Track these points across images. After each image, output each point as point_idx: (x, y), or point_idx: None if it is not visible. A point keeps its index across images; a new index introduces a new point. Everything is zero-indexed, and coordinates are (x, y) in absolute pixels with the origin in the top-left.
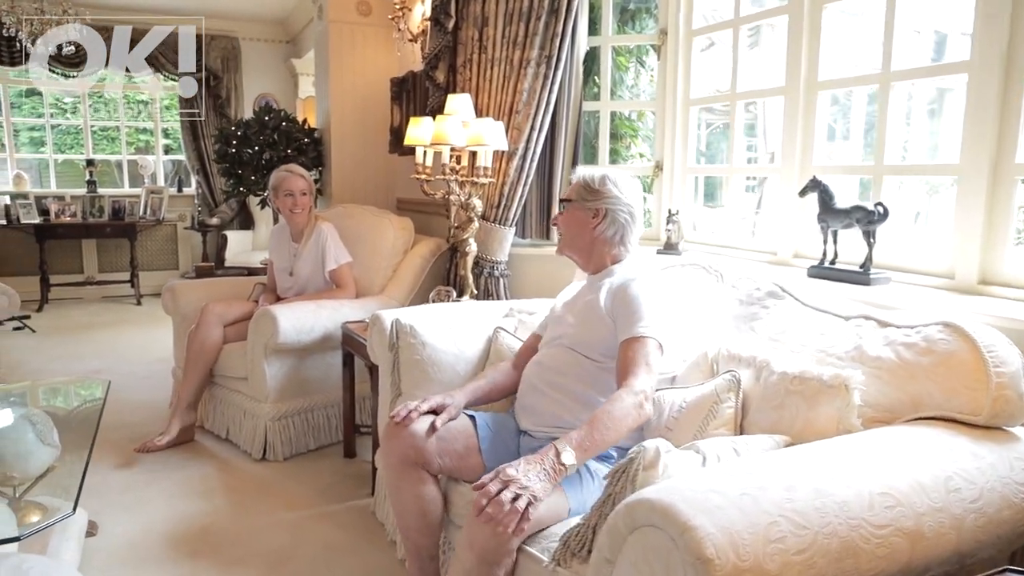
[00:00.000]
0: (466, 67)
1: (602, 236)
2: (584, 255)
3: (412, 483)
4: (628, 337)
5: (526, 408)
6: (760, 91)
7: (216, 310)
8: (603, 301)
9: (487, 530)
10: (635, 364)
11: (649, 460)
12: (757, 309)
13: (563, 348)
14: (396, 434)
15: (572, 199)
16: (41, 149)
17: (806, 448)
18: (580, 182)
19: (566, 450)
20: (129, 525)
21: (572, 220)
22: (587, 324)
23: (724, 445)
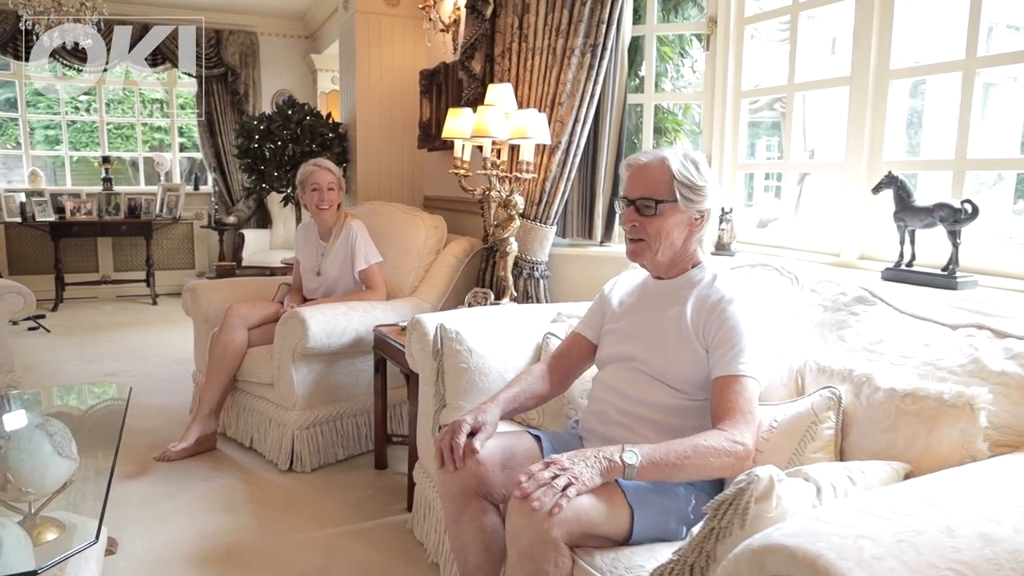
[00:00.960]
0: (505, 56)
1: (694, 238)
2: (671, 261)
3: (474, 514)
4: (726, 375)
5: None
6: (822, 81)
7: (240, 312)
8: (691, 320)
9: (525, 520)
10: (733, 411)
11: (763, 491)
12: (845, 316)
13: (643, 375)
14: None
15: (668, 199)
16: (57, 147)
17: (941, 480)
18: (673, 174)
19: (631, 452)
20: (150, 542)
21: (669, 225)
22: (673, 350)
23: (836, 473)
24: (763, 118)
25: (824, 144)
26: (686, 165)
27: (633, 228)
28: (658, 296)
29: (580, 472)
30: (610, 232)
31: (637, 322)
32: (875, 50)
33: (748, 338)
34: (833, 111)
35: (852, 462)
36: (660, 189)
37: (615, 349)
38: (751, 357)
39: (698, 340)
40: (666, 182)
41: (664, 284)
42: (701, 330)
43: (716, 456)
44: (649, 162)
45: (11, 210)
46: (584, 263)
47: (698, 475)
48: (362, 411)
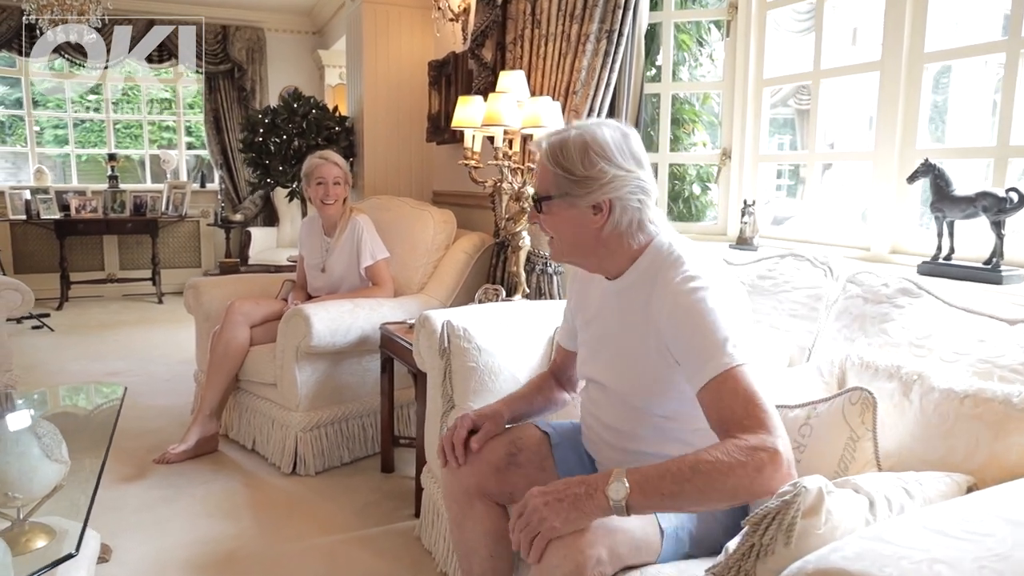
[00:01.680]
0: (516, 44)
1: (613, 233)
2: (594, 259)
3: (479, 517)
4: (708, 380)
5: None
6: (851, 67)
7: (242, 309)
8: (652, 338)
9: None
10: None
11: (811, 504)
12: (888, 308)
13: (620, 400)
14: (463, 461)
15: (552, 195)
16: (64, 145)
17: (1015, 494)
18: (553, 166)
19: (620, 482)
20: (146, 549)
21: (562, 223)
22: (646, 376)
23: (890, 485)
24: (777, 114)
25: (844, 138)
26: (566, 149)
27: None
28: (612, 301)
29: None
30: None
31: (599, 335)
32: (908, 32)
33: (715, 323)
34: (852, 103)
35: (907, 473)
36: (544, 184)
37: (585, 367)
38: (729, 343)
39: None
40: (551, 177)
41: (614, 285)
42: (660, 334)
43: (726, 473)
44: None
45: (16, 208)
46: None
47: (704, 501)
48: (368, 412)
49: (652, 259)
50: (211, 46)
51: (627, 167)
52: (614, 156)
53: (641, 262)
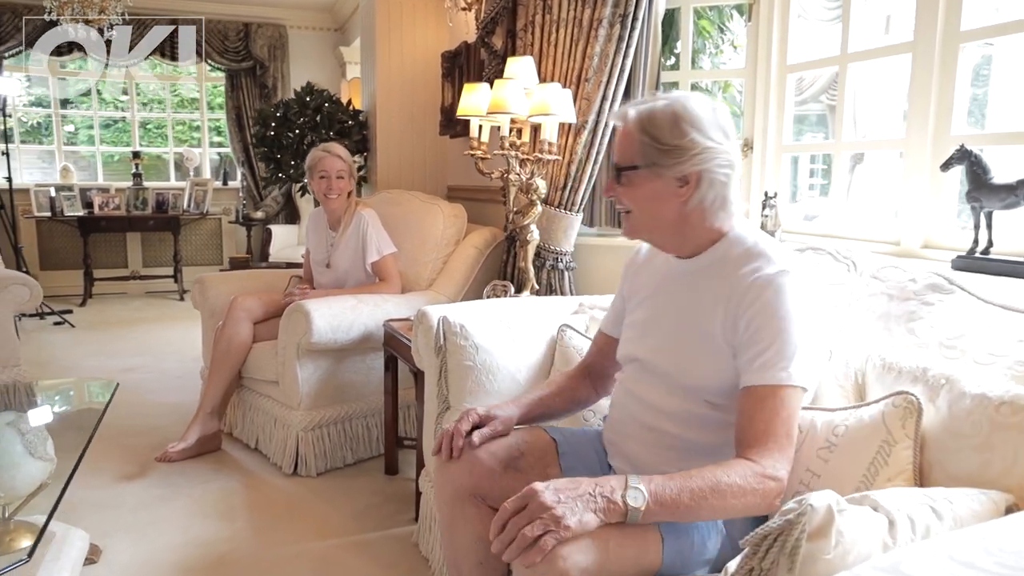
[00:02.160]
0: (527, 30)
1: (696, 208)
2: (672, 236)
3: (470, 521)
4: (760, 385)
5: (615, 446)
6: (881, 49)
7: (245, 305)
8: (713, 309)
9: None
10: (766, 436)
11: (818, 525)
12: (915, 306)
13: (659, 381)
14: (456, 459)
15: (637, 164)
16: (91, 143)
17: None
18: (640, 134)
19: (636, 489)
20: (136, 551)
21: (644, 195)
22: (693, 350)
23: (915, 503)
24: (809, 111)
25: (876, 131)
26: (656, 119)
27: (613, 198)
28: (679, 280)
29: (565, 513)
30: None
31: (654, 314)
32: (943, 10)
33: (791, 332)
34: (886, 96)
35: (935, 489)
36: (629, 153)
37: (630, 348)
38: (795, 359)
39: (724, 336)
40: (636, 146)
41: (685, 265)
42: (730, 323)
43: (739, 496)
44: (625, 124)
45: (41, 205)
46: (614, 254)
47: (714, 516)
48: (373, 412)
49: (736, 246)
50: (233, 43)
51: (717, 139)
52: (704, 127)
53: (721, 246)
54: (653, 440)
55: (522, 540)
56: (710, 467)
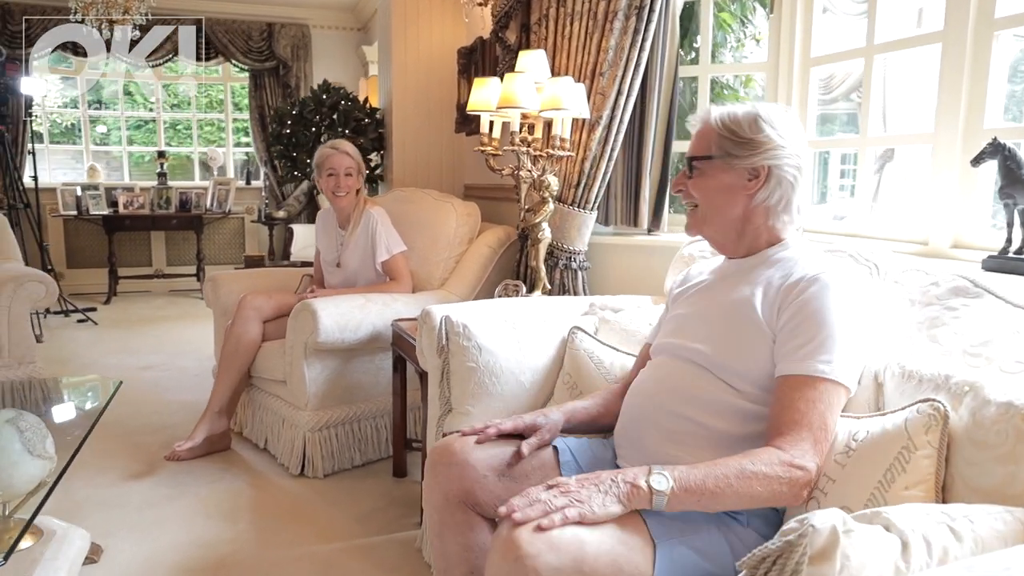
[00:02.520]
0: (541, 24)
1: (762, 205)
2: (733, 234)
3: (459, 528)
4: (797, 374)
5: (630, 442)
6: (908, 40)
7: (255, 303)
8: (760, 303)
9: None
10: (799, 424)
11: (821, 547)
12: (938, 311)
13: (696, 367)
14: (443, 462)
15: (712, 155)
16: (118, 142)
17: None
18: (719, 127)
19: (660, 475)
20: (137, 551)
21: (715, 187)
22: (737, 337)
23: (931, 520)
24: (837, 110)
25: (907, 128)
26: (738, 116)
27: (680, 193)
28: (729, 276)
29: (588, 496)
30: (659, 219)
31: (699, 308)
32: None
33: (837, 328)
34: (917, 90)
35: (954, 505)
36: (707, 144)
37: (668, 338)
38: (839, 355)
39: (767, 323)
40: (714, 136)
41: (736, 264)
42: (774, 316)
43: (765, 484)
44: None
45: (68, 204)
46: (629, 253)
47: (739, 505)
48: (381, 413)
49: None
50: (257, 43)
51: (790, 141)
52: (780, 127)
53: (777, 250)
54: (677, 429)
55: (543, 504)
56: (735, 456)
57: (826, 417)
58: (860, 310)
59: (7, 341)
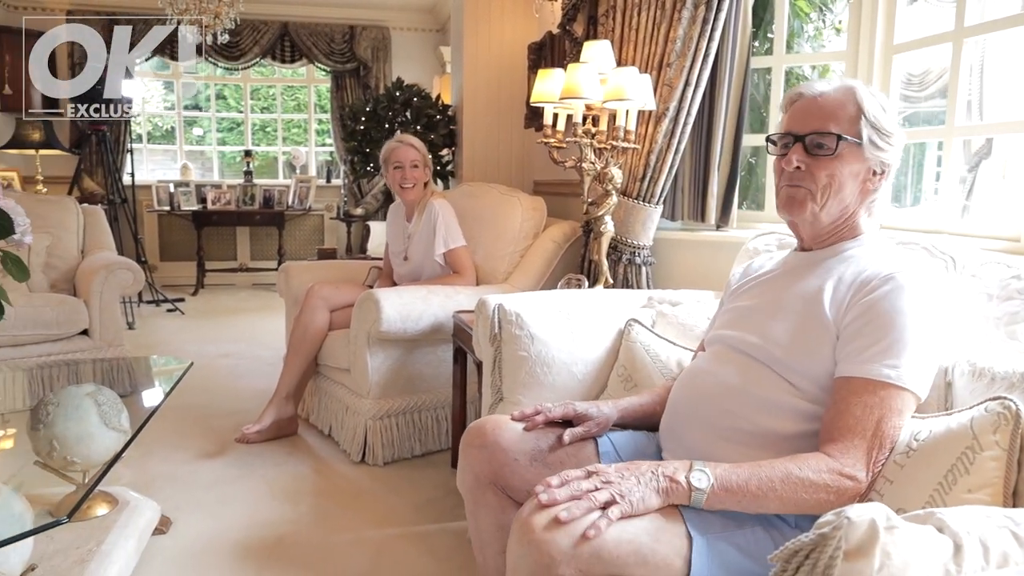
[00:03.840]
0: (608, 16)
1: (869, 200)
2: (833, 224)
3: (491, 510)
4: (857, 377)
5: (675, 436)
6: (1001, 21)
7: (322, 293)
8: (829, 299)
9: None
10: (853, 431)
11: (858, 542)
12: (1018, 306)
13: (753, 361)
14: (475, 444)
15: (852, 138)
16: (221, 144)
17: None
18: (863, 109)
19: (701, 471)
20: (204, 525)
21: (845, 173)
22: (799, 333)
23: (991, 523)
24: (934, 108)
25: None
26: (879, 102)
27: (797, 171)
28: (795, 269)
29: (629, 489)
30: (727, 215)
31: (761, 300)
32: None
33: (908, 333)
34: (1020, 80)
35: (1017, 510)
36: (843, 125)
37: (725, 329)
38: (908, 360)
39: (835, 323)
40: (851, 118)
41: (807, 257)
42: (842, 310)
43: (811, 491)
44: (830, 91)
45: (161, 200)
46: (696, 250)
47: (781, 510)
48: (442, 404)
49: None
50: (339, 46)
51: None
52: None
53: (851, 244)
54: (726, 426)
55: (589, 501)
56: (782, 459)
57: (885, 427)
58: (936, 314)
59: (98, 324)
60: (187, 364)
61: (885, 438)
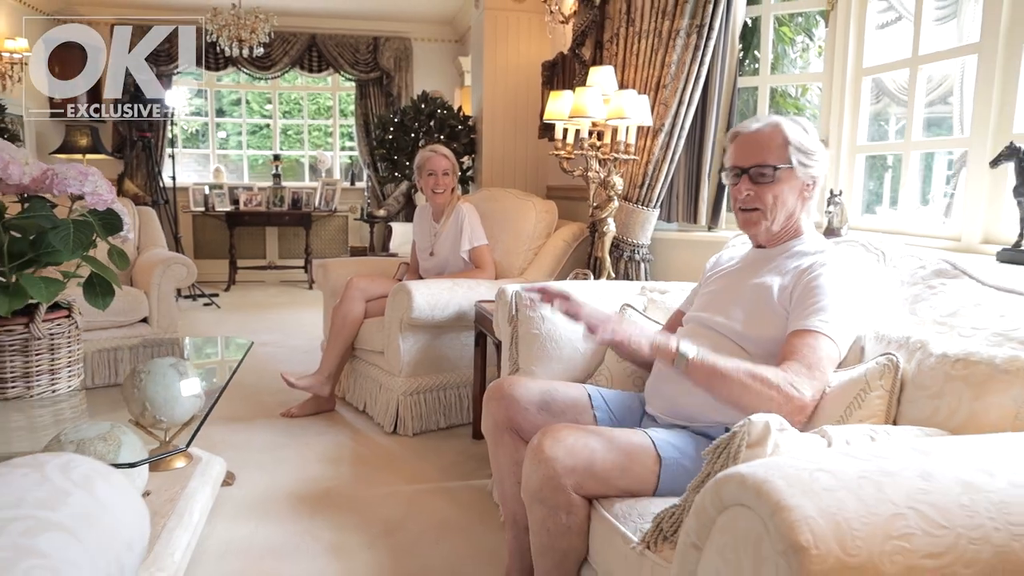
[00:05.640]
0: (612, 42)
1: (806, 207)
2: (780, 230)
3: (508, 449)
4: (799, 328)
5: (657, 392)
6: (947, 52)
7: (359, 285)
8: (778, 289)
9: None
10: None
11: (756, 436)
12: (921, 290)
13: (717, 335)
14: (494, 397)
15: (784, 164)
16: (239, 147)
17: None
18: (788, 138)
19: (689, 345)
20: (261, 480)
21: (784, 192)
22: (753, 312)
23: (858, 431)
24: (936, 112)
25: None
26: (800, 129)
27: (748, 198)
28: (754, 264)
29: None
30: (717, 217)
31: (725, 287)
32: (1007, 11)
33: (833, 299)
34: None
35: (881, 425)
36: (775, 154)
37: (698, 311)
38: (833, 317)
39: (782, 304)
40: (780, 147)
41: (764, 252)
42: (788, 295)
43: (767, 387)
44: (761, 128)
45: (197, 201)
46: (689, 248)
47: (741, 398)
48: (464, 383)
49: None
50: (363, 56)
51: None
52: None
53: (797, 241)
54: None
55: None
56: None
57: (823, 364)
58: (854, 287)
59: (156, 313)
60: (249, 343)
61: (822, 373)
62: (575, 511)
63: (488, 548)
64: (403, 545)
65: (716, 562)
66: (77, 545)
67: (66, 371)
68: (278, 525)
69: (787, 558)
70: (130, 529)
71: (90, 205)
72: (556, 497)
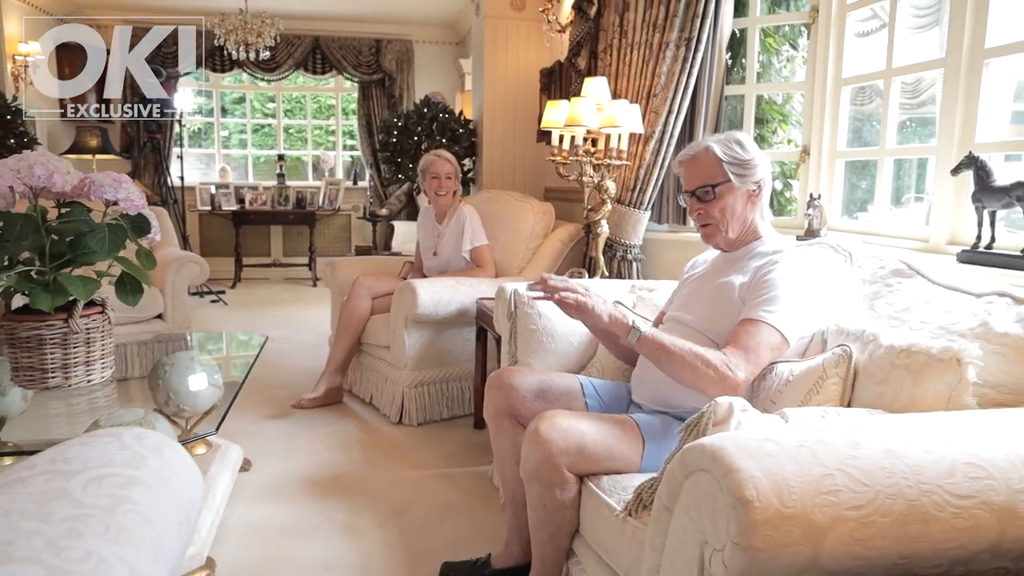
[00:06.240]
0: (606, 52)
1: (758, 210)
2: (737, 236)
3: (507, 433)
4: (744, 317)
5: (642, 381)
6: (916, 65)
7: (366, 283)
8: (738, 288)
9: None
10: (738, 345)
11: (721, 415)
12: (879, 288)
13: (689, 328)
14: (495, 386)
15: (725, 180)
16: (246, 147)
17: (891, 415)
18: (723, 156)
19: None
20: (276, 466)
21: (729, 204)
22: (719, 311)
23: (812, 412)
24: (927, 112)
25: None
26: (729, 146)
27: (699, 216)
28: (722, 266)
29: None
30: None
31: (697, 288)
32: (970, 28)
33: (782, 292)
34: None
35: (834, 407)
36: (712, 173)
37: (675, 311)
38: (779, 308)
39: (741, 299)
40: (715, 165)
41: (729, 256)
42: (747, 286)
43: (705, 366)
44: (696, 153)
45: (203, 200)
46: (679, 248)
47: (683, 373)
48: (466, 376)
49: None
50: (366, 58)
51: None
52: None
53: (757, 244)
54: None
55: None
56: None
57: (761, 350)
58: (804, 282)
59: (171, 309)
60: (264, 338)
61: (760, 357)
62: (568, 488)
63: (489, 528)
64: (410, 525)
65: (683, 519)
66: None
67: (100, 363)
68: (294, 507)
69: (736, 510)
70: (192, 489)
71: (123, 210)
72: (551, 475)
